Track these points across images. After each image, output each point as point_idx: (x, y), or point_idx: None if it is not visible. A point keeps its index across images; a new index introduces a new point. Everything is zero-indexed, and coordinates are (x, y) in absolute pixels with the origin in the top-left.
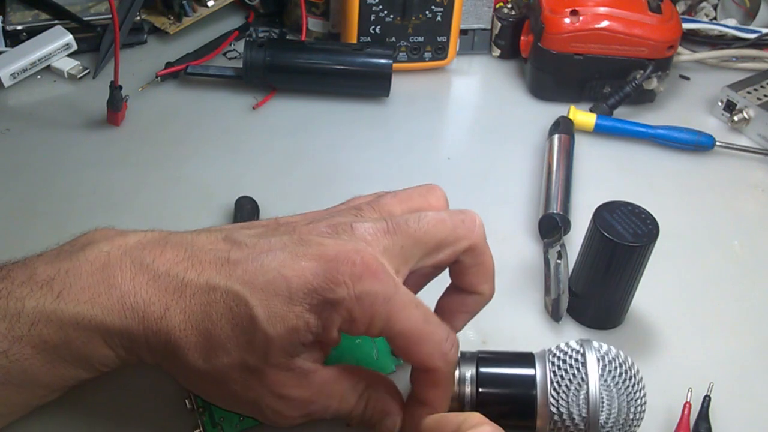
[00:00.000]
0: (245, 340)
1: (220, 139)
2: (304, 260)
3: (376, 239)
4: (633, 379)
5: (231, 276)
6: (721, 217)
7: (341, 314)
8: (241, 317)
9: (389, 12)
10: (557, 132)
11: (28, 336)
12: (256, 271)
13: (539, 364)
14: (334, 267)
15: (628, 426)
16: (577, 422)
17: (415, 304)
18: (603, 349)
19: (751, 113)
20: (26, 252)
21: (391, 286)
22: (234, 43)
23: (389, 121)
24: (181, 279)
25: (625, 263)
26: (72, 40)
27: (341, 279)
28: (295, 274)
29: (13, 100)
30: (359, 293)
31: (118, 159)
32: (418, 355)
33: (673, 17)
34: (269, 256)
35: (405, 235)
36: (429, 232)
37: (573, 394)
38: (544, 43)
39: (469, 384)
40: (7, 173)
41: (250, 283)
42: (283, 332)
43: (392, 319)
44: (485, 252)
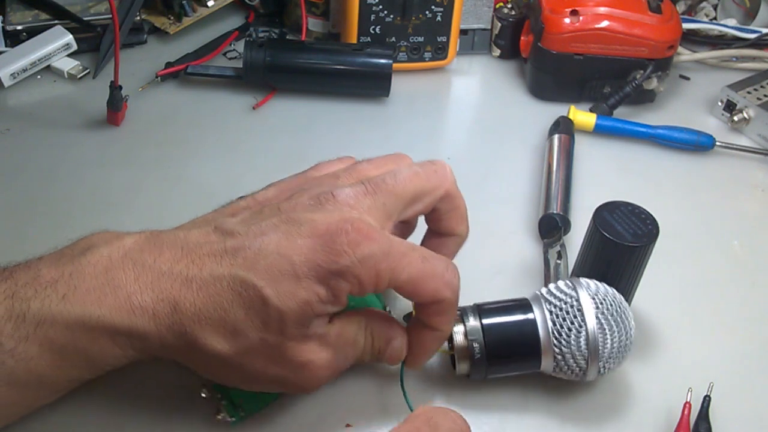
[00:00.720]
0: (260, 321)
1: (220, 139)
2: (299, 239)
3: (358, 202)
4: (622, 310)
5: (233, 264)
6: (721, 217)
7: (349, 281)
8: (251, 300)
9: (389, 12)
10: (557, 132)
11: (33, 336)
12: (256, 257)
13: (536, 307)
14: (330, 240)
15: (622, 353)
16: (578, 357)
17: (411, 248)
18: (593, 288)
19: (751, 113)
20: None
21: (386, 242)
22: (234, 43)
23: (389, 121)
24: (185, 275)
25: (625, 263)
26: (72, 40)
27: (341, 249)
28: (295, 252)
29: (13, 100)
30: (361, 258)
31: (118, 159)
32: (426, 292)
33: (673, 17)
34: (265, 241)
35: (384, 193)
36: (406, 187)
37: (574, 332)
38: (544, 43)
39: (477, 336)
40: (7, 173)
41: (253, 268)
42: (295, 307)
43: (396, 270)
44: (458, 196)
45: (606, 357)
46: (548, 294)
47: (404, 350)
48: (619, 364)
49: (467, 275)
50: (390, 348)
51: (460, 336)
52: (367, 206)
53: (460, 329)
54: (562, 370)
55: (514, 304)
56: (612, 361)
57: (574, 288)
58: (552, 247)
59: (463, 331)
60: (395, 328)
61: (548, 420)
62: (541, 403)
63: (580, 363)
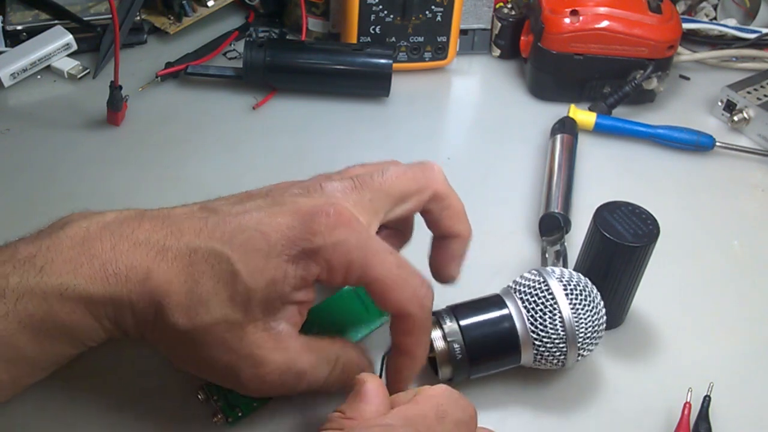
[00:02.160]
0: (227, 295)
1: (220, 139)
2: (280, 217)
3: (345, 195)
4: (589, 290)
5: (210, 238)
6: (721, 217)
7: (319, 263)
8: (222, 273)
9: (389, 12)
10: (561, 132)
11: (14, 311)
12: (234, 230)
13: (509, 301)
14: (309, 219)
15: (598, 332)
16: (557, 342)
17: (389, 251)
18: (557, 273)
19: (751, 113)
20: None
21: (364, 234)
22: (234, 43)
23: (389, 121)
24: (162, 245)
25: (625, 263)
26: (72, 40)
27: (317, 229)
28: (273, 229)
29: (13, 100)
30: (335, 241)
31: (118, 159)
32: (395, 301)
33: (673, 17)
34: (246, 217)
35: (371, 189)
36: (393, 184)
37: (548, 318)
38: (544, 43)
39: (456, 338)
40: (7, 173)
41: (230, 242)
42: (263, 284)
43: (368, 265)
44: (450, 195)
45: (583, 338)
46: (518, 285)
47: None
48: (596, 345)
49: (467, 275)
50: (360, 391)
51: (440, 340)
52: (353, 200)
53: (438, 333)
54: (543, 358)
55: (487, 301)
56: (589, 342)
57: (541, 275)
58: (551, 246)
59: (441, 335)
60: (366, 362)
61: (547, 420)
62: (538, 402)
63: (560, 347)
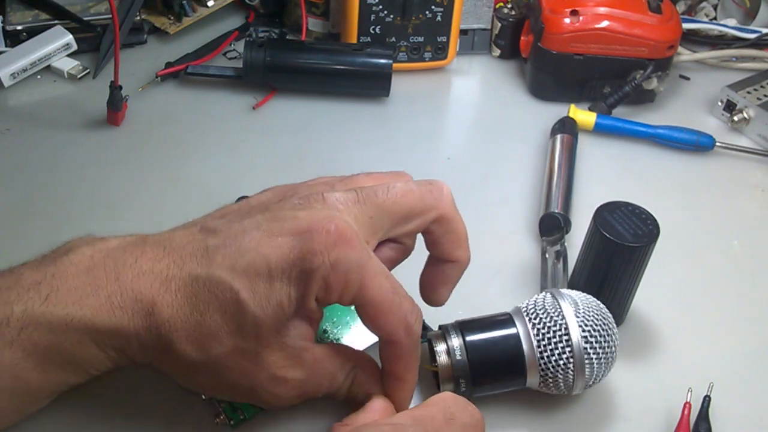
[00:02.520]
0: (236, 326)
1: (220, 139)
2: (280, 236)
3: (347, 207)
4: (605, 320)
5: (211, 264)
6: (721, 217)
7: (317, 282)
8: (228, 303)
9: (389, 12)
10: (561, 132)
11: (18, 340)
12: (235, 255)
13: (519, 322)
14: (309, 237)
15: (608, 363)
16: (564, 371)
17: (386, 274)
18: (575, 299)
19: (751, 113)
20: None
21: (365, 254)
22: (234, 43)
23: (389, 121)
24: (165, 275)
25: (625, 263)
26: (72, 40)
27: (317, 248)
28: (273, 251)
29: (13, 100)
30: (334, 261)
31: (118, 159)
32: (384, 325)
33: (673, 17)
34: (246, 238)
35: (373, 205)
36: (397, 202)
37: (559, 346)
38: (544, 43)
39: (460, 353)
40: (7, 173)
41: (231, 268)
42: (270, 311)
43: (364, 286)
44: (455, 219)
45: (592, 366)
46: (529, 306)
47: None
48: (605, 375)
49: (467, 275)
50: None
51: (443, 354)
52: (355, 215)
53: (443, 348)
54: (548, 384)
55: (496, 319)
56: (599, 371)
57: (555, 297)
58: (551, 246)
59: (445, 349)
60: (377, 385)
61: (548, 421)
62: (538, 403)
63: (567, 374)
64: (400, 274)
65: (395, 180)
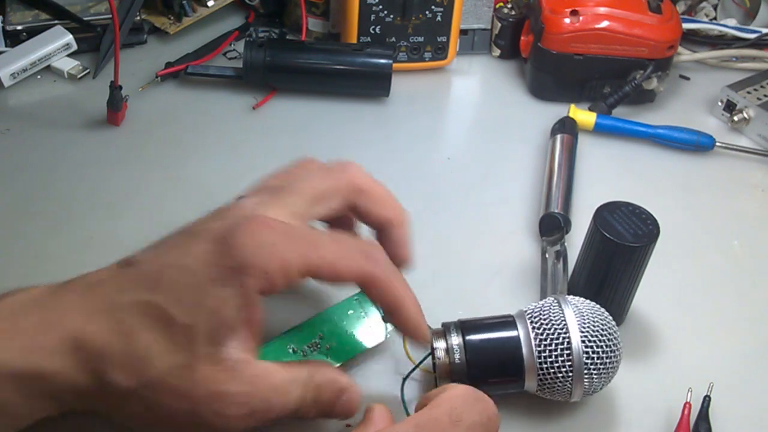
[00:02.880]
0: (167, 341)
1: (220, 139)
2: (195, 246)
3: (259, 205)
4: (608, 324)
5: (135, 289)
6: (721, 217)
7: (254, 274)
8: (155, 320)
9: (389, 12)
10: (561, 132)
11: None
12: (156, 275)
13: (520, 324)
14: (224, 238)
15: (609, 373)
16: (562, 377)
17: (319, 232)
18: (578, 305)
19: (751, 113)
20: (26, 251)
21: (287, 228)
22: (234, 43)
23: (389, 121)
24: (89, 309)
25: (625, 263)
26: (72, 40)
27: (237, 243)
28: (194, 260)
29: (13, 100)
30: (259, 245)
31: (118, 159)
32: (349, 270)
33: (673, 17)
34: (163, 258)
35: (285, 193)
36: (307, 186)
37: (557, 348)
38: (544, 43)
39: (458, 352)
40: (7, 173)
41: (155, 287)
42: (203, 317)
43: (305, 254)
44: (372, 185)
45: (591, 374)
46: (533, 311)
47: (356, 402)
48: (606, 383)
49: (467, 275)
50: (340, 401)
51: (442, 352)
52: (270, 209)
53: (442, 345)
54: (546, 389)
55: (498, 321)
56: (598, 381)
57: (558, 302)
58: (552, 246)
59: (444, 347)
60: (345, 381)
61: (547, 419)
62: (537, 401)
63: (565, 383)
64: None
65: (301, 171)
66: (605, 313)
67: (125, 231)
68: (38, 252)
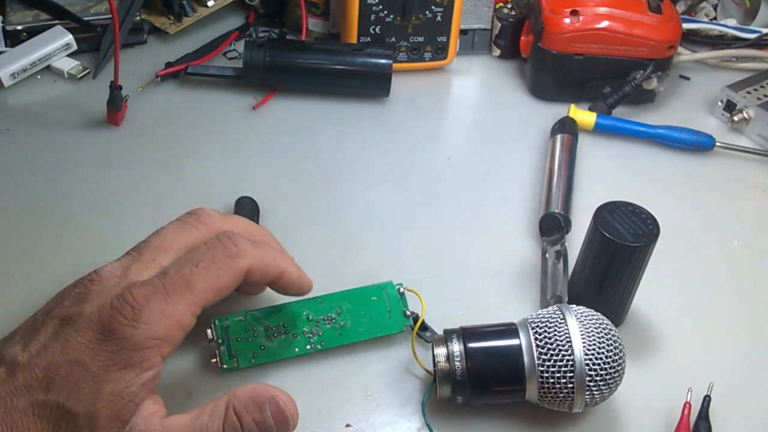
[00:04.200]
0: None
1: (220, 139)
2: (78, 337)
3: (122, 269)
4: (612, 336)
5: (30, 392)
6: (721, 217)
7: (150, 346)
8: (59, 419)
9: (389, 12)
10: (561, 132)
11: None
12: (47, 375)
13: (523, 333)
14: (108, 325)
15: (612, 384)
16: (564, 384)
17: (186, 270)
18: (582, 315)
19: (751, 113)
20: (26, 250)
21: (155, 285)
22: (234, 43)
23: (389, 120)
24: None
25: (625, 263)
26: (72, 40)
27: (122, 327)
28: (79, 353)
29: (13, 99)
30: (147, 321)
31: (117, 159)
32: (228, 289)
33: (673, 17)
34: (48, 354)
35: (151, 251)
36: (173, 240)
37: (559, 358)
38: (544, 43)
39: (459, 359)
40: (6, 173)
41: (50, 387)
42: (103, 403)
43: (185, 300)
44: (234, 225)
45: (594, 384)
46: (536, 320)
47: (287, 410)
48: (609, 395)
49: (467, 275)
50: (275, 409)
51: (443, 358)
52: (136, 270)
53: (443, 351)
54: (547, 400)
55: (500, 329)
56: (599, 394)
57: (561, 311)
58: (552, 246)
59: (445, 354)
60: (270, 391)
61: (547, 417)
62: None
63: (566, 390)
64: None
65: (158, 233)
66: (609, 324)
67: (125, 230)
68: (38, 251)
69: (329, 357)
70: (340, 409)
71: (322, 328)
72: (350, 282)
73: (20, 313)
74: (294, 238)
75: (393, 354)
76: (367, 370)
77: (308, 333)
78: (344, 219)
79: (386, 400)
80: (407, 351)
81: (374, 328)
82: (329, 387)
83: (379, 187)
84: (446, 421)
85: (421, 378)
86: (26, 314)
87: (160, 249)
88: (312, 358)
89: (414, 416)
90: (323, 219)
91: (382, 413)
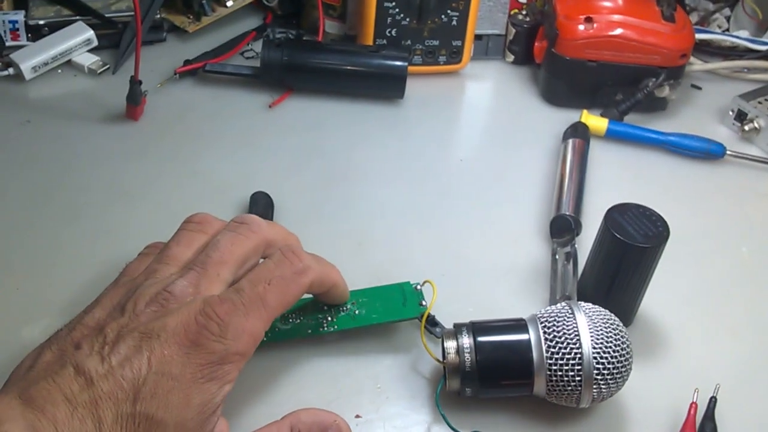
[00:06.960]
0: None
1: (236, 135)
2: (165, 350)
3: (196, 287)
4: (620, 332)
5: (117, 404)
6: (730, 224)
7: (233, 360)
8: (145, 427)
9: (405, 15)
10: (573, 136)
11: None
12: (135, 387)
13: (532, 329)
14: (195, 339)
15: (619, 380)
16: (571, 382)
17: (260, 288)
18: (591, 312)
19: (762, 123)
20: (44, 240)
21: (233, 302)
22: (251, 43)
23: (403, 122)
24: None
25: (635, 264)
26: (93, 36)
27: (211, 341)
28: (169, 365)
29: (34, 92)
30: (233, 336)
31: (135, 152)
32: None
33: (686, 26)
34: (134, 367)
35: (215, 265)
36: (233, 253)
37: (567, 353)
38: (558, 49)
39: (469, 353)
40: (26, 164)
41: (138, 399)
42: (191, 413)
43: (261, 317)
44: (280, 238)
45: (601, 380)
46: (545, 315)
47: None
48: (616, 391)
49: (478, 275)
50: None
51: (452, 351)
52: (205, 286)
53: (453, 345)
54: (555, 395)
55: (510, 324)
56: (607, 390)
57: (571, 308)
58: (562, 248)
59: (455, 347)
60: (332, 416)
61: (552, 414)
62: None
63: (575, 389)
64: None
65: (205, 231)
66: (618, 321)
67: (141, 222)
68: (55, 240)
69: (340, 350)
70: (350, 401)
71: (337, 315)
72: (363, 277)
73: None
74: (307, 234)
75: (402, 348)
76: (376, 363)
77: (322, 318)
78: (357, 216)
79: (395, 393)
80: (416, 345)
81: (388, 313)
82: (340, 379)
83: (392, 186)
84: (455, 414)
85: (429, 371)
86: (43, 300)
87: (221, 263)
88: (323, 350)
89: (423, 408)
90: (337, 216)
91: (392, 405)
